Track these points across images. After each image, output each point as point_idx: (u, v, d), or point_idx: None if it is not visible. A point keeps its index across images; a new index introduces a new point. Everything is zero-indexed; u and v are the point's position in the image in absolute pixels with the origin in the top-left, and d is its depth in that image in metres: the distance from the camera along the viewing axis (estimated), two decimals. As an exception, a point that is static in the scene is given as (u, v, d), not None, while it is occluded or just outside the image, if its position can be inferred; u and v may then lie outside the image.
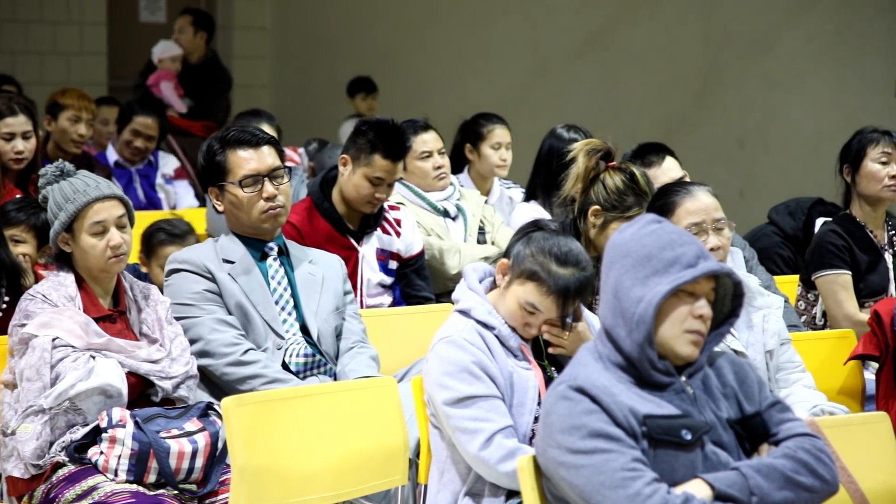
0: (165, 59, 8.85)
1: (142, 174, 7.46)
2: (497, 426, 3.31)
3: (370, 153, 4.95)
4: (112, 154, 7.41)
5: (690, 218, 3.82)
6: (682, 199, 3.87)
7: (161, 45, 8.94)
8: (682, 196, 3.88)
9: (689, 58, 10.17)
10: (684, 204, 3.86)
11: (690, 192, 3.90)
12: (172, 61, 8.85)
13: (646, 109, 10.16)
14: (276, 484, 3.46)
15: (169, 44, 8.95)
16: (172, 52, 8.87)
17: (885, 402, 4.29)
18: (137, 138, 7.37)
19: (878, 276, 5.03)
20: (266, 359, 3.98)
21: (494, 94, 10.11)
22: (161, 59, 8.85)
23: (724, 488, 2.72)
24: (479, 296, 3.49)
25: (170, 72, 8.79)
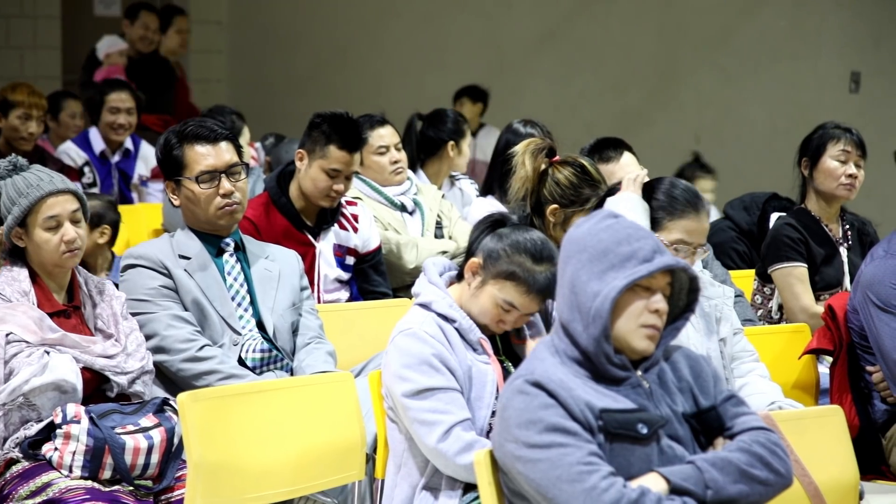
0: (112, 53, 8.78)
1: (120, 168, 7.41)
2: (456, 418, 3.32)
3: (325, 145, 4.94)
4: (98, 143, 7.33)
5: (681, 234, 3.74)
6: (686, 212, 3.76)
7: (106, 40, 8.87)
8: (689, 210, 3.77)
9: (645, 53, 10.21)
10: (685, 219, 3.76)
11: (696, 210, 3.77)
12: (119, 56, 8.79)
13: (602, 104, 10.20)
14: (232, 479, 3.45)
15: (114, 38, 8.89)
16: (119, 47, 8.82)
17: (839, 396, 4.31)
18: (118, 115, 7.30)
19: (833, 270, 5.07)
20: (222, 354, 3.96)
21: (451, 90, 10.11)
22: (108, 53, 8.78)
23: (680, 482, 2.73)
24: (439, 289, 3.49)
25: (118, 66, 8.73)
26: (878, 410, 4.28)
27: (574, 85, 10.38)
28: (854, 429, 4.14)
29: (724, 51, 9.85)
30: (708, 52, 9.92)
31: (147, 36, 8.97)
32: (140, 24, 8.94)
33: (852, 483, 3.42)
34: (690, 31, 10.11)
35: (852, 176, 5.06)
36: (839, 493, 3.36)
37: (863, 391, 4.32)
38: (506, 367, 3.47)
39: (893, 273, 4.18)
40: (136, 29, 8.96)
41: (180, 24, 9.24)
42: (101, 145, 7.29)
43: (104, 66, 8.74)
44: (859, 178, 5.09)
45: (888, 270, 4.19)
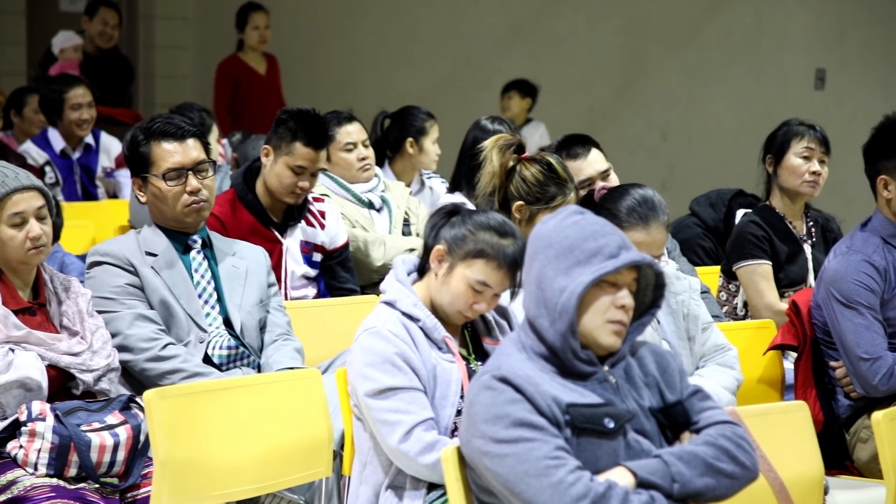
0: (67, 48, 8.72)
1: (82, 164, 7.37)
2: (417, 419, 3.31)
3: (291, 142, 4.94)
4: (58, 142, 7.30)
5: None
6: (633, 226, 3.76)
7: (62, 35, 8.80)
8: (635, 223, 3.77)
9: (611, 50, 10.24)
10: (633, 232, 3.74)
11: (646, 222, 3.78)
12: (74, 51, 8.74)
13: (569, 101, 10.22)
14: (199, 477, 3.44)
15: (69, 34, 8.83)
16: (74, 42, 8.76)
17: (804, 392, 4.34)
18: (81, 110, 7.28)
19: (797, 267, 5.09)
20: (185, 353, 3.95)
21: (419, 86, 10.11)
22: (63, 48, 8.72)
23: (647, 475, 2.74)
24: (405, 287, 3.48)
25: (73, 62, 8.67)
26: (842, 406, 4.31)
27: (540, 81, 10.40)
28: (819, 424, 4.16)
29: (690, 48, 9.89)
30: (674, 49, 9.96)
31: (106, 31, 8.91)
32: (99, 20, 8.89)
33: (817, 478, 3.44)
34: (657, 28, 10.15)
35: (816, 173, 5.09)
36: (804, 487, 3.37)
37: (827, 386, 4.35)
38: (472, 368, 3.46)
39: (856, 269, 4.21)
40: (95, 24, 8.90)
41: (257, 21, 9.16)
42: (61, 144, 7.26)
43: (59, 61, 8.69)
44: (823, 175, 5.11)
45: (850, 267, 4.22)
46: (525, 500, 2.70)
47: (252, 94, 9.01)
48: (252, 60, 9.16)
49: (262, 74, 9.17)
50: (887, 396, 4.19)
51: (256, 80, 9.13)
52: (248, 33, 9.11)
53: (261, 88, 9.09)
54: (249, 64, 9.14)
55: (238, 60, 9.16)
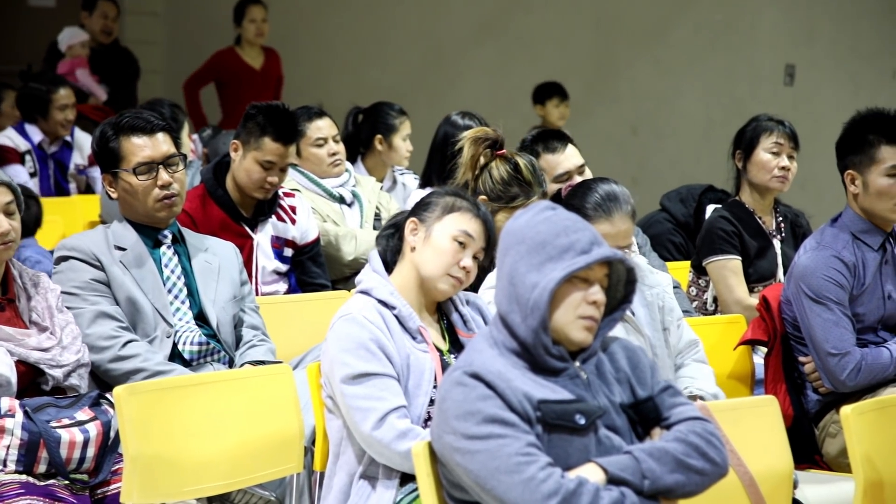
0: (75, 45, 8.64)
1: (56, 159, 7.36)
2: (390, 405, 3.32)
3: (260, 136, 4.93)
4: (36, 135, 7.29)
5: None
6: (597, 219, 3.76)
7: (67, 31, 8.72)
8: (599, 215, 3.78)
9: (582, 46, 10.26)
10: (598, 225, 3.75)
11: (611, 214, 3.78)
12: (82, 47, 8.68)
13: (540, 97, 10.22)
14: (170, 473, 3.43)
15: (75, 30, 8.75)
16: (81, 38, 8.67)
17: (773, 386, 4.35)
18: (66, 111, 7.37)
19: (766, 262, 5.11)
20: (147, 351, 3.92)
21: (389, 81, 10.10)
22: (70, 45, 8.65)
23: (617, 472, 2.75)
24: (381, 277, 3.50)
25: (82, 58, 8.61)
26: (811, 400, 4.33)
27: (511, 77, 10.40)
28: (788, 418, 4.19)
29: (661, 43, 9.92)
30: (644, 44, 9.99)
31: (107, 25, 8.86)
32: (99, 14, 8.83)
33: (786, 472, 3.45)
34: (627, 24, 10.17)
35: (785, 168, 5.11)
36: (774, 482, 3.39)
37: (797, 381, 4.37)
38: (445, 359, 3.47)
39: (825, 265, 4.23)
40: (96, 20, 8.84)
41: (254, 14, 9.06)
42: (39, 136, 7.26)
43: (67, 57, 8.63)
44: (792, 171, 5.14)
45: (820, 262, 4.24)
46: (496, 496, 2.71)
47: (244, 89, 8.88)
48: (248, 55, 9.08)
49: (257, 69, 9.08)
50: (856, 391, 4.21)
51: (250, 75, 9.03)
52: (245, 27, 9.01)
53: (254, 83, 8.98)
54: (244, 58, 9.05)
55: (233, 54, 9.06)
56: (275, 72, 9.21)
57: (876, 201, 4.25)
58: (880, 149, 4.23)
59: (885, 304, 4.30)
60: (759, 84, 9.47)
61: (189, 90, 8.95)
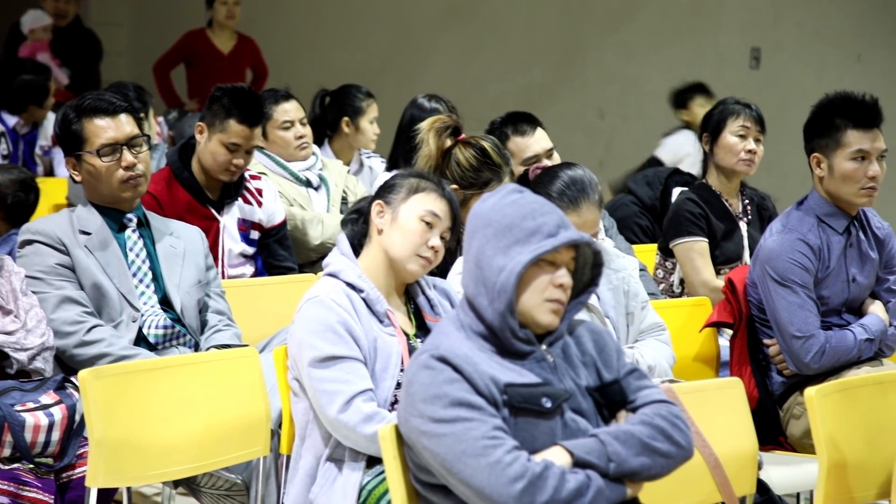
0: (37, 28, 8.56)
1: (27, 140, 7.34)
2: (356, 389, 3.32)
3: (225, 119, 4.92)
4: (10, 119, 7.26)
5: None
6: (565, 208, 3.77)
7: (30, 14, 8.62)
8: (566, 205, 3.78)
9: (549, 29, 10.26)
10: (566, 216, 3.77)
11: (578, 205, 3.79)
12: (44, 31, 8.59)
13: (507, 80, 10.23)
14: (135, 456, 3.42)
15: (38, 13, 8.65)
16: (44, 22, 8.58)
17: (739, 368, 4.37)
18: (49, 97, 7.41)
19: (733, 244, 5.13)
20: (111, 336, 3.90)
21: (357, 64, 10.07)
22: (33, 28, 8.56)
23: (583, 455, 2.75)
24: (349, 260, 3.49)
25: (44, 42, 8.53)
26: (776, 382, 4.35)
27: (479, 60, 10.40)
28: (753, 400, 4.20)
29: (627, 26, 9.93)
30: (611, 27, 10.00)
31: (60, 8, 8.78)
32: None
33: (751, 453, 3.47)
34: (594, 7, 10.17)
35: (752, 151, 5.13)
36: (738, 463, 3.41)
37: (761, 364, 4.39)
38: (412, 343, 3.47)
39: (790, 248, 4.25)
40: (49, 1, 8.77)
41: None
42: (13, 121, 7.25)
43: (29, 41, 8.55)
44: (758, 154, 5.16)
45: (785, 245, 4.25)
46: (462, 479, 2.71)
47: (211, 73, 8.73)
48: (218, 38, 8.97)
49: (225, 54, 8.99)
50: (820, 374, 4.23)
51: (217, 58, 8.92)
52: (216, 9, 8.86)
53: (222, 67, 8.86)
54: (214, 42, 8.95)
55: (203, 36, 8.93)
56: (246, 58, 9.11)
57: (841, 185, 4.27)
58: (846, 133, 4.24)
59: (850, 286, 4.32)
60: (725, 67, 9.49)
61: (159, 71, 8.89)
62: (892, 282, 4.43)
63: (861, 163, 4.24)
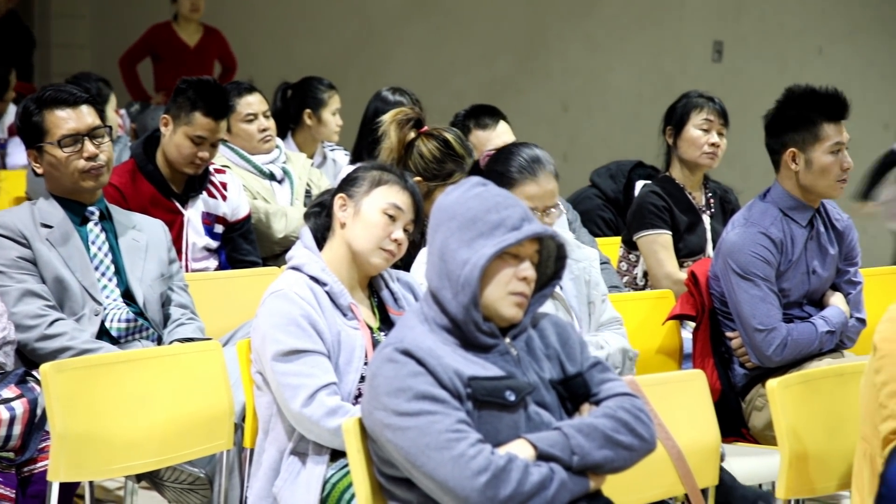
0: None
1: None
2: (320, 382, 3.31)
3: (190, 111, 4.90)
4: None
5: (525, 201, 3.76)
6: (523, 180, 3.79)
7: None
8: (525, 177, 3.80)
9: (513, 22, 10.26)
10: (524, 186, 3.78)
11: (535, 175, 3.81)
12: None
13: (471, 73, 10.23)
14: (98, 450, 3.41)
15: None
16: None
17: (701, 361, 4.39)
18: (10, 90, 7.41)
19: (696, 237, 5.15)
20: (73, 329, 3.89)
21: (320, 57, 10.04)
22: None
23: (547, 448, 2.76)
24: (312, 253, 3.49)
25: None
26: (738, 375, 4.37)
27: (443, 53, 10.39)
28: (716, 392, 4.22)
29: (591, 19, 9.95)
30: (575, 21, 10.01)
31: None
32: None
33: (714, 445, 3.49)
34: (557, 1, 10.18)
35: (715, 145, 5.15)
36: (701, 455, 3.42)
37: (724, 356, 4.41)
38: (375, 336, 3.47)
39: (753, 241, 4.27)
40: None
41: None
42: None
43: None
44: (721, 147, 5.18)
45: (748, 239, 4.27)
46: (426, 472, 2.71)
47: (178, 66, 8.62)
48: (184, 31, 8.90)
49: (191, 47, 8.93)
50: (782, 366, 4.26)
51: (184, 51, 8.85)
52: (180, 2, 8.81)
53: (189, 60, 8.79)
54: (180, 35, 8.89)
55: (169, 29, 8.86)
56: (213, 51, 9.06)
57: (819, 178, 4.28)
58: (823, 126, 4.26)
59: (810, 279, 4.35)
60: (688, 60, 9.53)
61: (125, 65, 8.83)
62: (853, 273, 4.46)
63: (837, 155, 4.26)
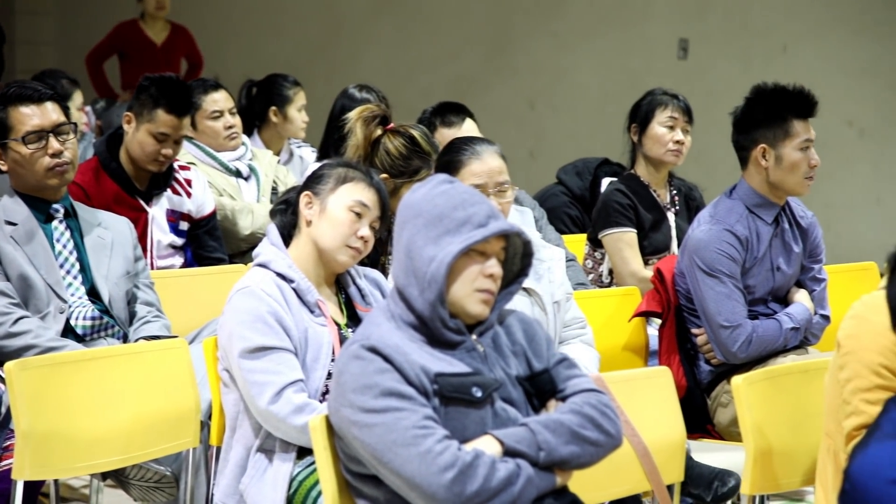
0: None
1: None
2: (287, 380, 3.31)
3: (153, 108, 4.89)
4: None
5: (473, 179, 3.81)
6: (467, 160, 3.87)
7: None
8: (468, 156, 3.87)
9: (479, 20, 10.27)
10: (469, 165, 3.86)
11: (477, 152, 3.88)
12: None
13: (438, 70, 10.23)
14: (63, 449, 3.39)
15: None
16: None
17: (667, 357, 4.41)
18: None
19: (661, 235, 5.17)
20: (38, 327, 3.87)
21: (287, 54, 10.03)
22: None
23: (513, 444, 2.77)
24: (279, 250, 3.48)
25: None
26: (704, 371, 4.39)
27: (410, 50, 10.39)
28: (681, 389, 4.24)
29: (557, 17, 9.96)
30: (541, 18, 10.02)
31: None
32: None
33: (679, 441, 3.50)
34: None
35: (679, 142, 5.17)
36: (667, 451, 3.44)
37: (689, 353, 4.43)
38: (343, 333, 3.47)
39: (718, 239, 4.29)
40: None
41: None
42: None
43: None
44: (686, 144, 5.20)
45: (713, 236, 4.29)
46: (393, 469, 2.71)
47: (145, 63, 8.57)
48: (151, 29, 8.85)
49: (158, 44, 8.87)
50: (747, 362, 4.28)
51: (150, 49, 8.80)
52: (146, 0, 8.84)
53: (155, 58, 8.74)
54: (146, 32, 8.83)
55: (135, 26, 8.80)
56: (180, 48, 9.01)
57: (788, 175, 4.31)
58: (793, 123, 4.28)
59: (775, 276, 4.37)
60: (654, 58, 9.55)
61: (91, 63, 8.78)
62: (817, 270, 4.49)
63: (806, 152, 4.29)
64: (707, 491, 3.95)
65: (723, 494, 3.94)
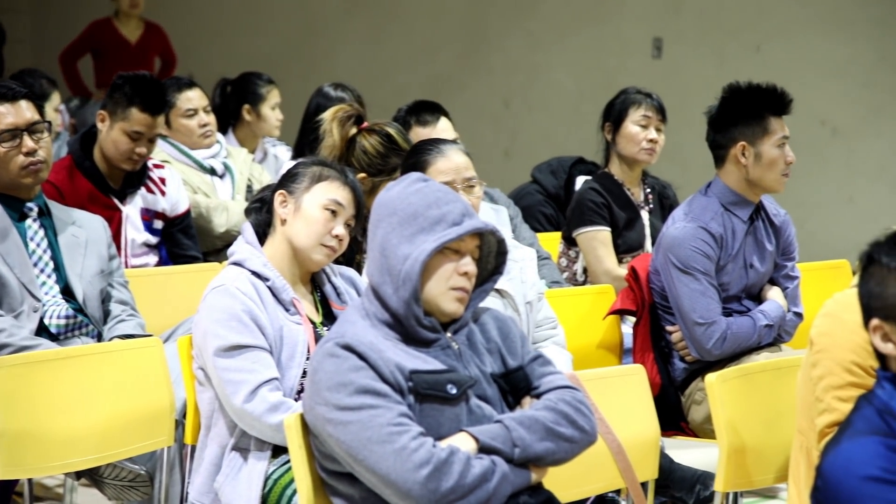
0: None
1: None
2: (262, 378, 3.31)
3: (127, 107, 4.88)
4: None
5: (441, 177, 3.80)
6: (433, 158, 3.87)
7: None
8: (434, 155, 3.88)
9: (454, 18, 10.27)
10: (436, 163, 3.86)
11: (442, 150, 3.89)
12: None
13: (413, 69, 10.23)
14: (37, 448, 3.38)
15: None
16: None
17: (641, 355, 4.43)
18: None
19: (635, 233, 5.19)
20: (12, 326, 3.85)
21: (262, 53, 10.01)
22: None
23: (488, 440, 2.77)
24: (254, 248, 3.48)
25: None
26: (678, 369, 4.41)
27: (385, 49, 10.39)
28: (655, 387, 4.25)
29: (532, 15, 9.97)
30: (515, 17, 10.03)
31: None
32: None
33: (653, 439, 3.52)
34: (499, -4, 10.20)
35: (653, 140, 5.19)
36: (641, 448, 3.45)
37: (664, 350, 4.44)
38: (318, 331, 3.47)
39: (693, 236, 4.31)
40: None
41: None
42: None
43: None
44: (660, 143, 5.22)
45: (688, 233, 4.31)
46: (368, 466, 2.72)
47: (119, 62, 8.52)
48: (125, 27, 8.80)
49: (133, 42, 8.84)
50: (721, 360, 4.30)
51: (125, 47, 8.76)
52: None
53: (128, 57, 8.69)
54: (121, 30, 8.79)
55: (109, 25, 8.76)
56: (154, 47, 8.97)
57: (766, 172, 4.33)
58: (770, 121, 4.31)
59: (748, 273, 4.39)
60: (628, 57, 9.58)
61: (65, 61, 8.74)
62: (790, 268, 4.51)
63: (783, 149, 4.32)
64: (689, 494, 3.96)
65: (705, 498, 3.95)
